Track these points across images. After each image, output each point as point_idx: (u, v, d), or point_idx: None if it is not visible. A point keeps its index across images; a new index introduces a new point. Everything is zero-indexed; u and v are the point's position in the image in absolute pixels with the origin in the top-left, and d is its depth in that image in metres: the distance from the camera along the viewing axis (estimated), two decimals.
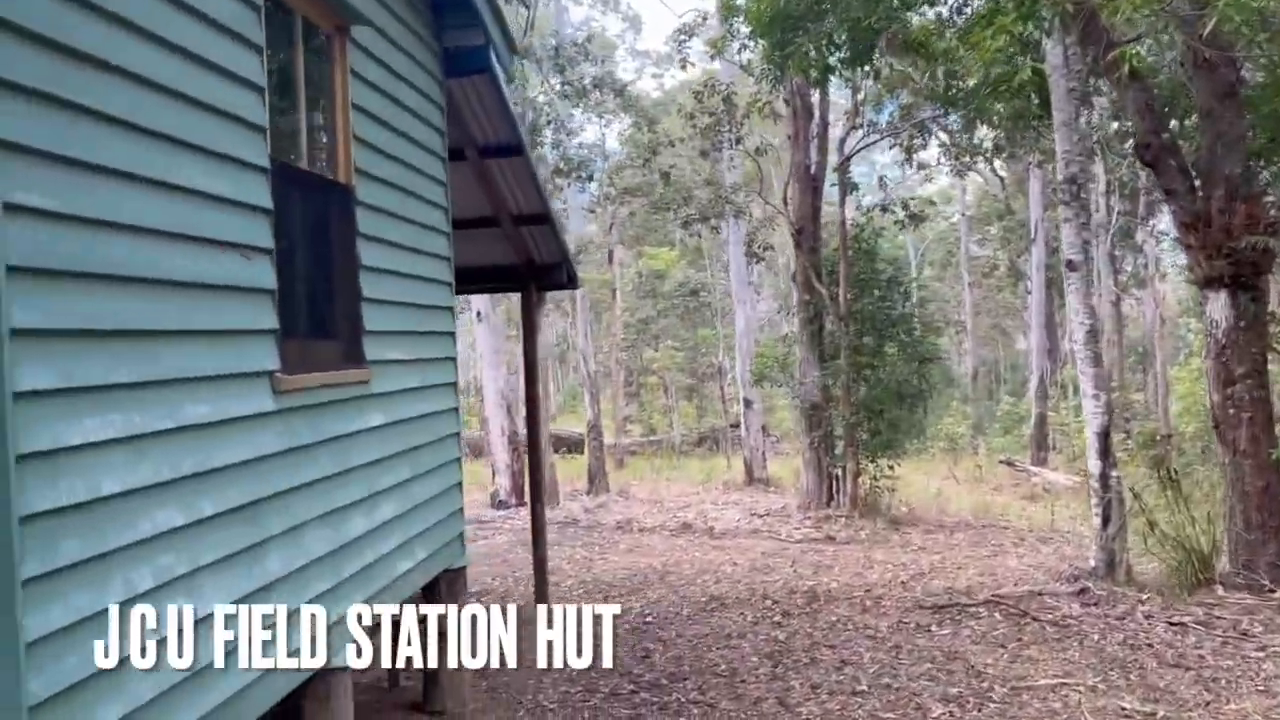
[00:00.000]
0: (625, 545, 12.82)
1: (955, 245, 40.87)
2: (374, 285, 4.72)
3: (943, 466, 23.51)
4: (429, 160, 5.72)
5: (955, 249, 39.93)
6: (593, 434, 19.57)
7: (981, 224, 37.93)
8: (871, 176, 17.89)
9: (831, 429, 15.21)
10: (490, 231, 8.04)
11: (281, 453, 3.69)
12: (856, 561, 11.24)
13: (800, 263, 15.39)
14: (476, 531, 14.18)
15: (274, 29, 3.87)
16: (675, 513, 16.19)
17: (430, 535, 5.44)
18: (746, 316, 19.96)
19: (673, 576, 10.38)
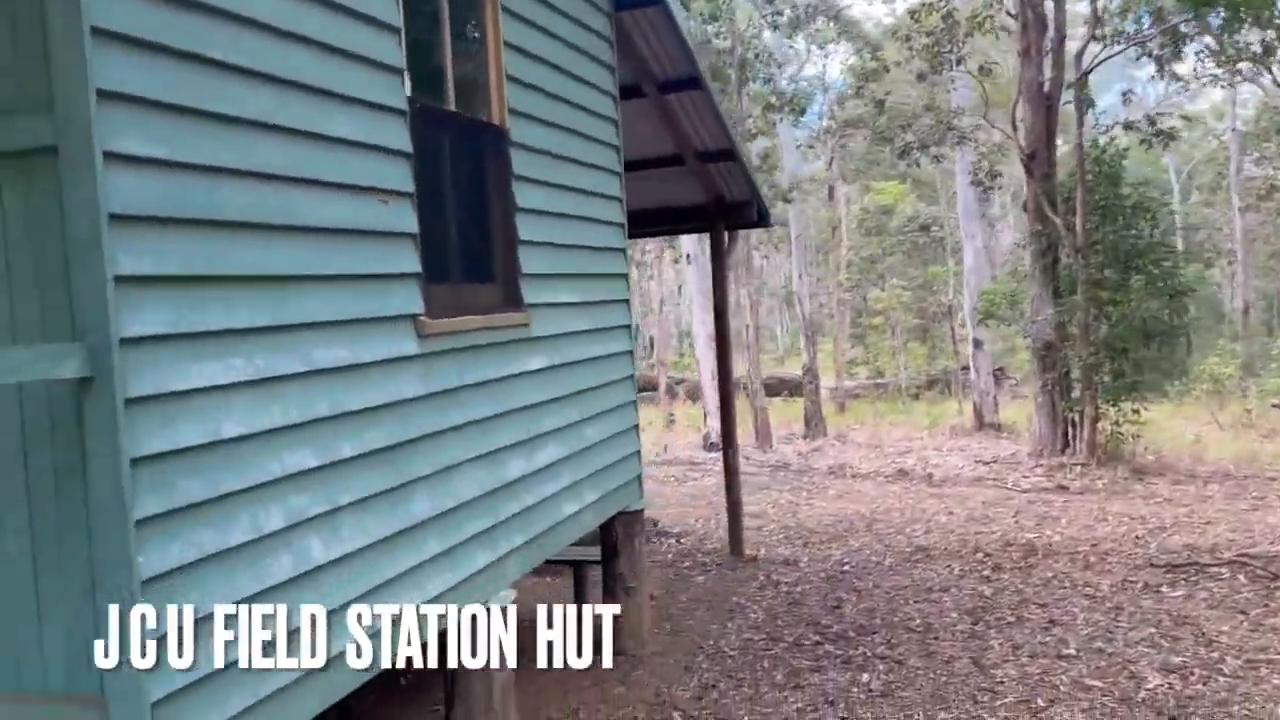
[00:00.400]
0: (835, 491, 12.47)
1: (1226, 166, 36.74)
2: (533, 228, 4.67)
3: (1205, 411, 21.37)
4: (597, 98, 5.59)
5: (1226, 170, 35.86)
6: (809, 377, 19.15)
7: (1259, 140, 33.77)
8: (1126, 94, 16.16)
9: (1067, 370, 14.08)
10: (675, 170, 7.86)
11: (426, 396, 3.71)
12: (1087, 513, 10.38)
13: (1032, 190, 14.22)
14: (687, 473, 14.26)
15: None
16: (894, 459, 15.60)
17: (602, 477, 5.41)
18: (976, 251, 18.77)
19: (880, 524, 9.99)
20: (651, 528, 9.91)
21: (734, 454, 8.53)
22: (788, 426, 20.55)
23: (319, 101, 3.22)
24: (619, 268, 5.88)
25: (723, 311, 8.36)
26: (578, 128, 5.31)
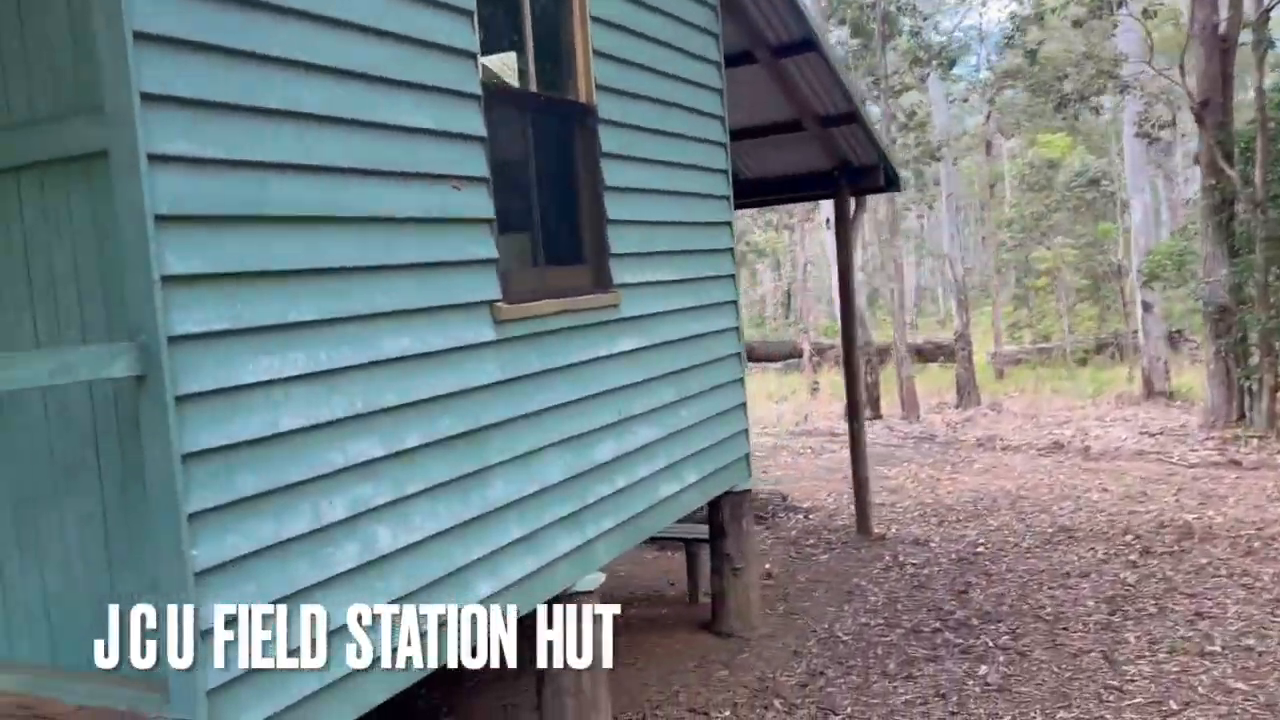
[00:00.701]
0: (981, 464, 11.94)
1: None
2: (625, 206, 4.58)
3: None
4: (699, 67, 5.43)
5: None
6: (960, 343, 18.39)
7: None
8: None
9: (1244, 335, 13.00)
10: (797, 136, 7.61)
11: (504, 381, 3.70)
12: (1259, 492, 9.57)
13: (1205, 141, 13.12)
14: (826, 445, 13.96)
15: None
16: (1050, 429, 14.82)
17: (704, 458, 5.31)
18: (1144, 207, 17.50)
19: (1025, 502, 9.50)
20: (780, 502, 9.76)
21: (860, 426, 8.25)
22: (940, 395, 19.87)
23: (384, 91, 3.22)
24: (724, 242, 5.72)
25: (847, 277, 8.06)
26: (677, 100, 5.18)
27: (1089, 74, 13.57)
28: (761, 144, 7.93)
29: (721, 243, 5.69)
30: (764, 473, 11.89)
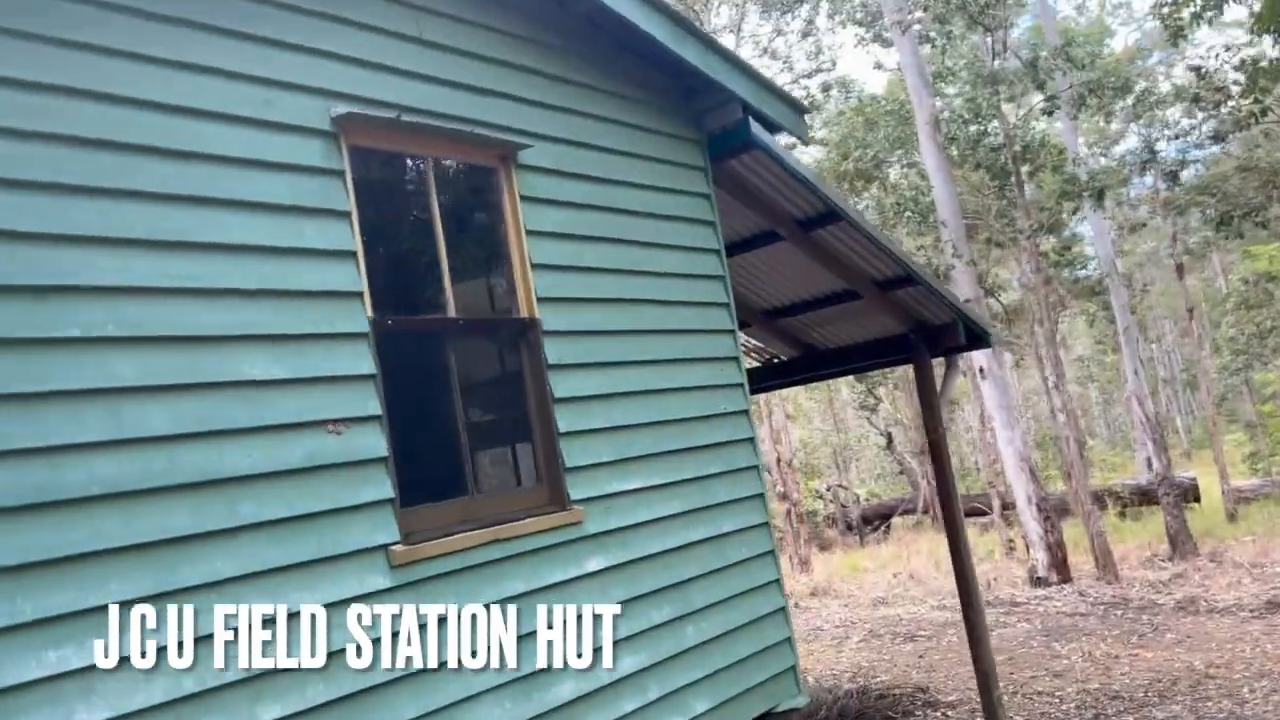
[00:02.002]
0: (1174, 635, 10.39)
1: None
2: (585, 416, 4.36)
3: None
4: (690, 259, 5.24)
5: None
6: (1165, 487, 16.52)
7: None
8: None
9: None
10: (866, 304, 7.19)
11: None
12: None
13: None
14: (1002, 618, 12.63)
15: (393, 177, 3.80)
16: (1276, 584, 12.85)
17: (723, 680, 4.79)
18: None
19: (1209, 686, 8.10)
20: (917, 699, 8.77)
21: (977, 614, 7.33)
22: (1153, 547, 17.77)
23: (228, 349, 3.20)
24: (739, 433, 5.34)
25: (937, 441, 7.36)
26: (661, 296, 4.97)
27: (1253, 185, 12.35)
28: (831, 314, 7.56)
29: (735, 434, 5.31)
30: (920, 658, 10.83)
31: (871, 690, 8.70)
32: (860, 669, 10.44)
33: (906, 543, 23.47)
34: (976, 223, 15.55)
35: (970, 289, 14.27)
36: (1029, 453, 14.47)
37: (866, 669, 10.43)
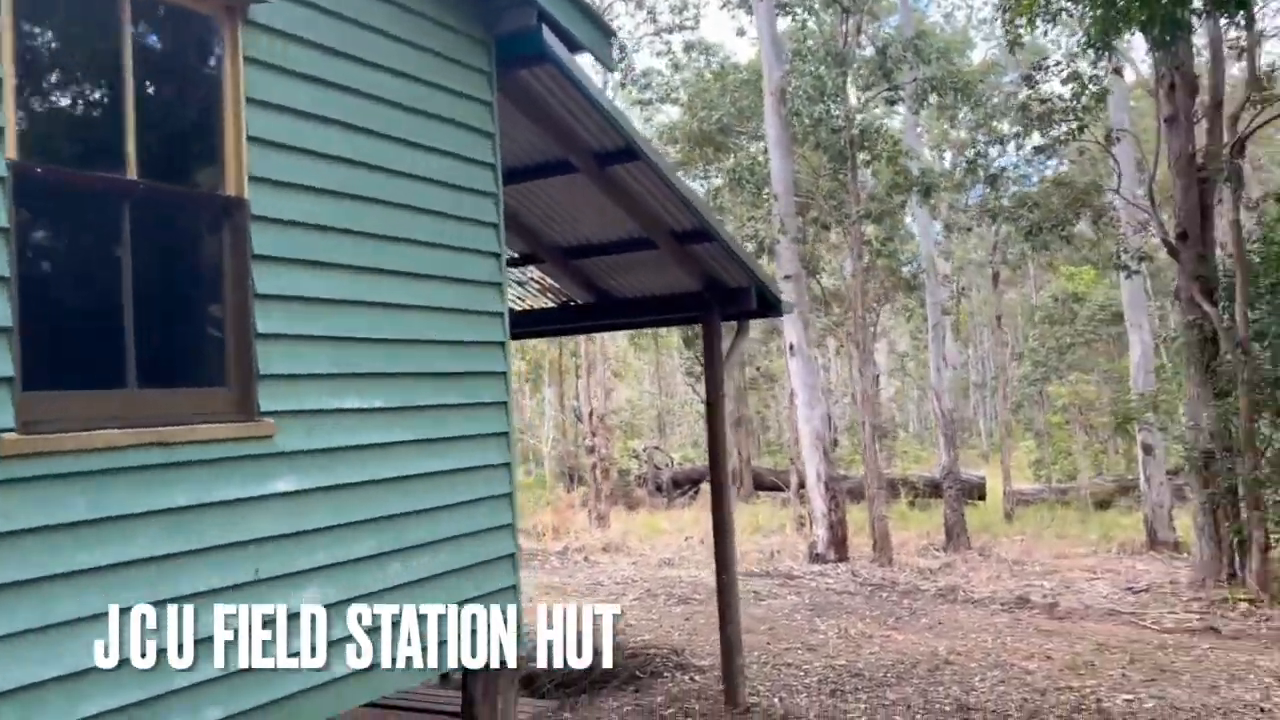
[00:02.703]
0: (928, 620, 10.76)
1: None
2: (294, 319, 3.87)
3: None
4: (455, 167, 4.78)
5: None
6: (949, 480, 17.24)
7: None
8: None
9: (1234, 485, 11.80)
10: (657, 255, 6.92)
11: (15, 533, 2.93)
12: (1223, 669, 8.34)
13: (1182, 275, 12.23)
14: (776, 589, 12.86)
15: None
16: (1030, 580, 13.57)
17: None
18: (1144, 343, 16.46)
19: (946, 671, 8.35)
20: (669, 660, 8.71)
21: (730, 580, 7.26)
22: (932, 536, 18.56)
23: None
24: (492, 365, 4.96)
25: (715, 405, 7.21)
26: (412, 201, 4.51)
27: (1063, 202, 12.83)
28: (627, 261, 7.27)
29: (485, 365, 4.93)
30: (687, 620, 10.85)
31: (625, 648, 8.57)
32: (624, 627, 10.35)
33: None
34: (809, 201, 15.65)
35: (793, 265, 14.35)
36: (825, 432, 14.75)
37: (633, 627, 10.36)
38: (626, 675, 7.87)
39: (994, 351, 45.97)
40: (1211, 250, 12.12)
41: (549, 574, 14.54)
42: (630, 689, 7.64)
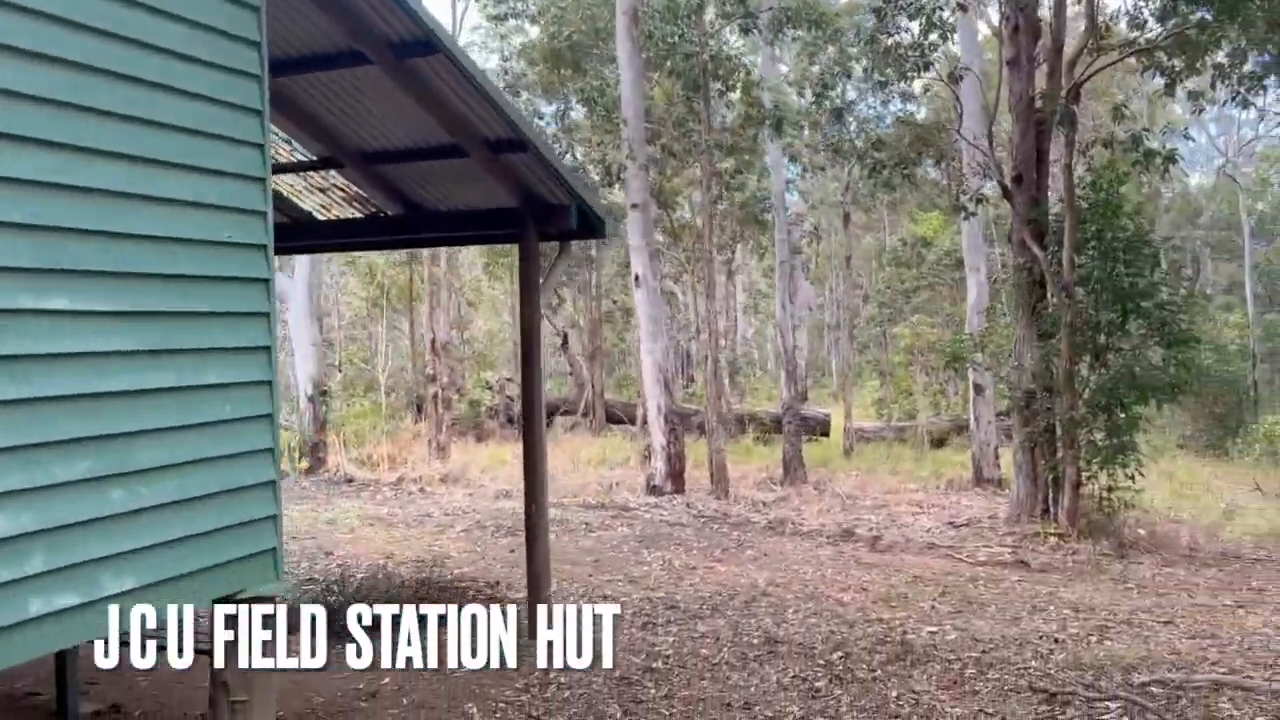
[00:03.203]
0: (753, 552, 10.80)
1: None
2: None
3: (1255, 475, 19.08)
4: (209, 41, 4.18)
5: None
6: (789, 416, 17.44)
7: None
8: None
9: (1051, 425, 12.21)
10: (469, 164, 6.43)
11: None
12: (1027, 601, 8.60)
13: (1015, 218, 12.45)
14: (609, 521, 12.71)
15: None
16: (858, 514, 13.85)
17: (166, 556, 3.96)
18: (980, 285, 16.88)
19: (763, 602, 8.33)
20: (485, 590, 8.42)
21: (539, 510, 6.97)
22: (770, 471, 18.81)
23: None
24: (250, 270, 4.42)
25: (530, 330, 6.83)
26: (149, 75, 3.89)
27: (907, 141, 12.84)
28: (438, 171, 6.76)
29: (241, 270, 4.39)
30: (512, 552, 10.57)
31: (437, 582, 8.22)
32: (442, 558, 10.00)
33: (560, 441, 23.63)
34: (661, 129, 15.27)
35: (641, 193, 14.00)
36: (666, 365, 14.61)
37: (453, 560, 10.02)
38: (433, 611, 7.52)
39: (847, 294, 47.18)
40: (1044, 195, 12.36)
41: (377, 505, 14.03)
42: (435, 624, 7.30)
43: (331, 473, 16.64)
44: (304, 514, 13.13)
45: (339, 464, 16.74)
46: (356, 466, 16.64)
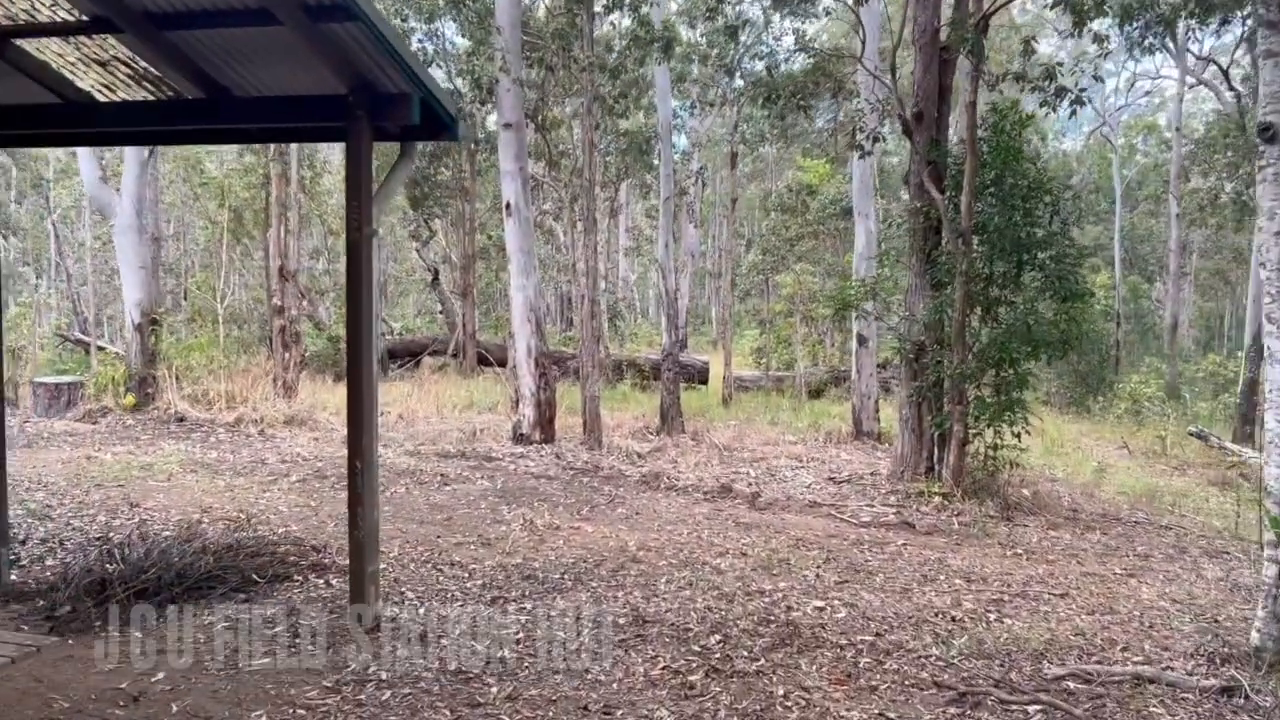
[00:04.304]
0: (624, 510, 9.86)
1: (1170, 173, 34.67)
2: None
3: (1125, 433, 19.21)
4: None
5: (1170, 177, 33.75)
6: (668, 363, 16.54)
7: (1209, 150, 31.63)
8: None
9: (939, 379, 11.61)
10: (286, 36, 5.11)
11: None
12: (916, 569, 7.91)
13: (914, 159, 11.70)
14: (469, 472, 11.58)
15: None
16: (736, 468, 13.07)
17: None
18: (868, 232, 16.20)
19: (631, 572, 7.39)
20: (309, 556, 7.20)
21: (366, 467, 5.75)
22: (646, 419, 17.94)
23: None
24: None
25: (359, 249, 5.56)
26: None
27: (804, 71, 11.89)
28: (247, 41, 5.40)
29: None
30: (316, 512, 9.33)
31: (249, 544, 6.97)
32: (268, 513, 8.72)
33: (425, 383, 22.25)
34: (540, 43, 13.93)
35: (514, 112, 12.69)
36: (538, 303, 13.44)
37: (280, 515, 8.74)
38: (239, 579, 6.30)
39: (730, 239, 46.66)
40: (945, 135, 11.63)
41: (207, 449, 12.52)
42: (240, 597, 6.09)
43: (161, 411, 14.94)
44: (118, 458, 11.57)
45: (170, 401, 15.05)
46: (190, 404, 14.98)
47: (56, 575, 6.29)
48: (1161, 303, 38.69)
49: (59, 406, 14.89)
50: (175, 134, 6.61)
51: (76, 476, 10.33)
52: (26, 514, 8.42)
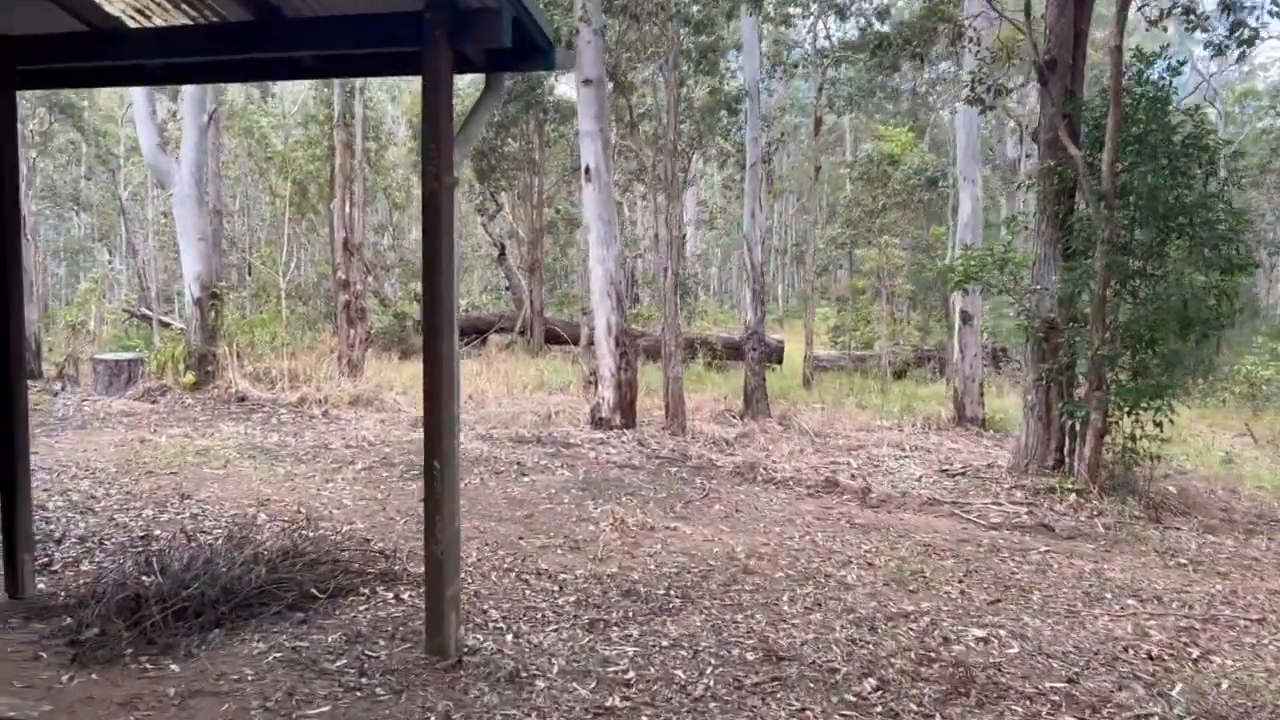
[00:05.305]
0: (720, 508, 8.79)
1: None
2: None
3: (1237, 419, 17.62)
4: None
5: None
6: (753, 342, 15.40)
7: None
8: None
9: (1073, 360, 10.33)
10: None
11: None
12: (1073, 584, 6.74)
13: (1047, 111, 10.37)
14: (547, 461, 10.59)
15: None
16: (835, 457, 11.93)
17: None
18: (974, 199, 14.81)
19: (747, 584, 6.32)
20: (379, 563, 6.25)
21: (447, 469, 4.76)
22: (729, 401, 16.83)
23: None
24: None
25: (435, 200, 4.54)
26: None
27: (920, 14, 10.61)
28: None
29: None
30: (421, 502, 8.40)
31: (307, 551, 6.04)
32: (330, 508, 7.82)
33: (493, 362, 21.42)
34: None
35: (595, 67, 11.63)
36: (619, 276, 12.37)
37: (343, 511, 7.84)
38: (296, 594, 5.36)
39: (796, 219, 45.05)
40: (1081, 84, 10.27)
41: (268, 431, 11.73)
42: (297, 617, 5.15)
43: (222, 389, 14.23)
44: (174, 441, 10.81)
45: (231, 380, 14.33)
46: (251, 383, 14.25)
47: (88, 587, 5.42)
48: (1257, 279, 36.37)
49: (119, 384, 14.27)
50: (218, 66, 5.63)
51: (128, 462, 9.57)
52: (68, 506, 7.62)
